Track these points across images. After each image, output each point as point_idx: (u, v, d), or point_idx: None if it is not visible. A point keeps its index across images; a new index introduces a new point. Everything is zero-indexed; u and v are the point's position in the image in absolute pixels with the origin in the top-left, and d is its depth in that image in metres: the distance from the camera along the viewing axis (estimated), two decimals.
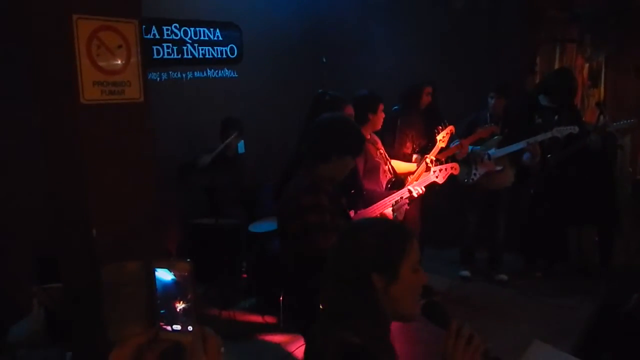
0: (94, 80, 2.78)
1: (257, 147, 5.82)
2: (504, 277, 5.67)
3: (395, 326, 1.84)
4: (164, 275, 1.13)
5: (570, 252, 5.84)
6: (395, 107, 5.32)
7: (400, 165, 4.78)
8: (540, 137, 5.18)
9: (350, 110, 4.08)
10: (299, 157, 3.18)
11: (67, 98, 2.74)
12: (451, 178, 4.53)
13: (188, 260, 1.14)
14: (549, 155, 5.37)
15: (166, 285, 1.13)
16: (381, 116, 4.52)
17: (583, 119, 5.79)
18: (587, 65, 6.35)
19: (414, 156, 5.07)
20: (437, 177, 3.98)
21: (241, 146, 5.81)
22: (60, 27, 2.68)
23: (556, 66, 6.27)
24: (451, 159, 4.94)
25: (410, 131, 5.20)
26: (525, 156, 5.32)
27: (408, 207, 3.84)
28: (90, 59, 2.77)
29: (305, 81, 5.91)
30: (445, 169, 3.99)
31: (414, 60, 6.12)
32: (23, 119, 3.45)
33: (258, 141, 5.84)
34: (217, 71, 5.98)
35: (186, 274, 1.12)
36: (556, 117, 5.29)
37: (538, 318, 4.84)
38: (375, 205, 3.63)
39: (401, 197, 3.67)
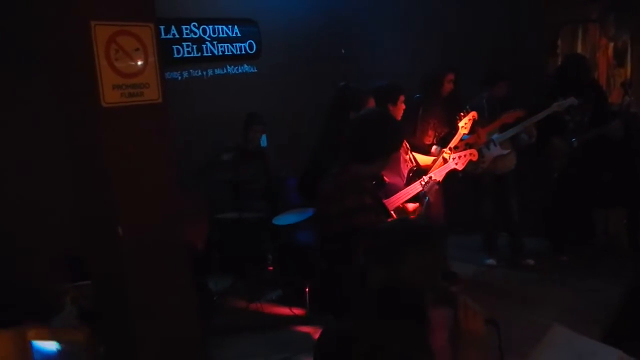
0: (114, 83, 2.86)
1: (278, 141, 5.85)
2: (531, 261, 5.62)
3: None
4: (47, 345, 0.93)
5: (598, 235, 5.77)
6: (417, 96, 5.28)
7: (419, 158, 4.75)
8: (541, 115, 5.12)
9: (372, 103, 4.08)
10: (329, 152, 3.18)
11: (88, 102, 2.82)
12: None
13: (84, 325, 0.95)
14: (573, 139, 5.32)
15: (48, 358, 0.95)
16: (401, 107, 4.52)
17: (609, 99, 5.75)
18: (611, 44, 6.26)
19: (433, 147, 5.08)
20: (456, 163, 3.98)
21: (263, 140, 5.88)
22: (79, 34, 2.76)
23: (579, 47, 6.20)
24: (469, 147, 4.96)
25: (432, 119, 5.16)
26: (524, 137, 5.25)
27: (438, 187, 3.81)
28: (109, 63, 2.85)
29: (325, 73, 5.92)
30: (465, 155, 3.98)
31: (433, 48, 6.08)
32: (49, 122, 3.54)
33: (279, 134, 5.87)
34: (236, 67, 6.08)
35: (80, 341, 0.93)
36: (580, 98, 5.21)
37: (565, 302, 4.78)
38: (395, 196, 3.62)
39: (430, 177, 3.66)
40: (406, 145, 4.51)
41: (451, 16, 6.25)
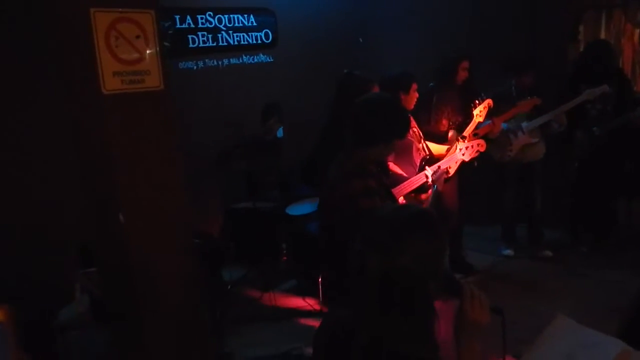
0: (114, 70, 2.85)
1: (295, 131, 5.84)
2: (549, 252, 5.56)
3: None
4: None
5: (619, 226, 5.64)
6: (432, 84, 5.20)
7: (432, 147, 4.70)
8: (572, 103, 5.04)
9: (376, 90, 4.04)
10: (334, 140, 3.14)
11: (89, 90, 2.81)
12: (484, 156, 4.59)
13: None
14: (594, 127, 5.23)
15: None
16: (414, 96, 4.45)
17: (634, 87, 5.66)
18: (637, 30, 6.07)
19: (450, 132, 4.98)
20: (463, 154, 3.96)
21: (280, 130, 5.87)
22: (79, 21, 2.75)
23: (602, 34, 6.05)
24: (485, 137, 4.86)
25: (446, 108, 5.07)
26: (555, 125, 5.20)
27: (448, 175, 3.80)
28: (109, 50, 2.84)
29: (342, 63, 5.72)
30: (472, 146, 3.95)
31: (450, 34, 5.99)
32: (53, 112, 3.57)
33: (295, 125, 5.85)
34: (252, 57, 6.05)
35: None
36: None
37: (584, 294, 4.72)
38: (400, 185, 3.59)
39: (439, 167, 3.63)
40: (419, 134, 4.49)
41: (467, 2, 6.19)
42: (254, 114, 5.62)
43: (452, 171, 4.46)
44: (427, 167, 3.82)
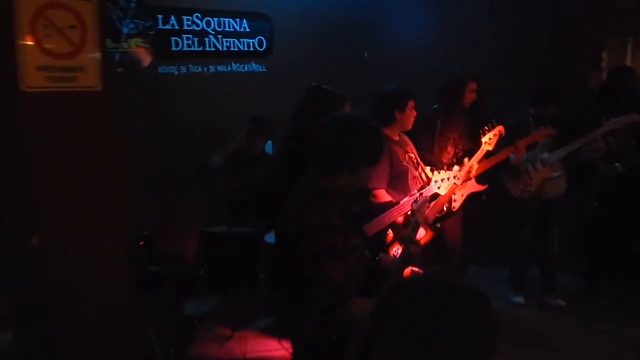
0: (39, 64, 2.47)
1: None
2: (561, 302, 5.19)
3: None
4: None
5: None
6: (435, 106, 4.92)
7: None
8: (600, 131, 4.75)
9: (347, 110, 3.73)
10: (292, 164, 2.86)
11: (5, 85, 2.42)
12: (499, 189, 4.58)
13: None
14: (616, 164, 4.94)
15: None
16: (411, 114, 4.16)
17: None
18: None
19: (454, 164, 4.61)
20: (438, 187, 3.79)
21: (268, 147, 5.54)
22: None
23: (628, 61, 5.87)
24: (503, 165, 4.69)
25: (452, 134, 4.78)
26: (587, 154, 4.91)
27: (453, 210, 3.76)
28: (34, 40, 2.45)
29: (344, 78, 5.55)
30: (447, 179, 3.80)
31: (465, 56, 5.71)
32: None
33: None
34: (243, 65, 5.79)
35: None
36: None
37: (600, 352, 4.43)
38: (380, 217, 3.36)
39: (420, 194, 3.44)
40: (416, 160, 4.23)
41: (484, 24, 6.00)
42: (241, 128, 5.31)
43: (457, 205, 4.30)
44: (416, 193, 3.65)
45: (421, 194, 3.40)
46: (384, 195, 3.91)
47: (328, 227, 2.36)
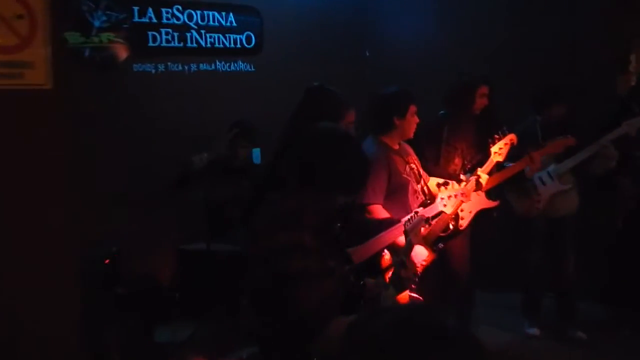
0: None
1: None
2: (582, 335, 5.13)
3: None
4: None
5: None
6: (442, 112, 4.90)
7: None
8: (611, 136, 4.75)
9: (351, 117, 3.63)
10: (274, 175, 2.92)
11: None
12: (505, 205, 4.52)
13: None
14: None
15: None
16: (412, 121, 4.11)
17: None
18: None
19: (462, 177, 4.48)
20: (444, 205, 3.73)
21: (257, 156, 5.41)
22: None
23: None
24: (517, 178, 4.62)
25: (460, 143, 4.76)
26: (600, 164, 4.89)
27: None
28: None
29: (343, 80, 5.44)
30: (455, 196, 3.74)
31: (476, 57, 5.73)
32: None
33: None
34: (229, 64, 5.73)
35: None
36: None
37: None
38: (373, 240, 3.28)
39: (415, 213, 3.40)
40: (418, 172, 4.20)
41: (499, 23, 6.01)
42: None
43: (464, 223, 4.18)
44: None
45: (416, 213, 3.32)
46: (380, 212, 3.84)
47: (299, 248, 2.31)
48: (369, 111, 4.17)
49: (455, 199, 3.75)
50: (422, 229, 3.24)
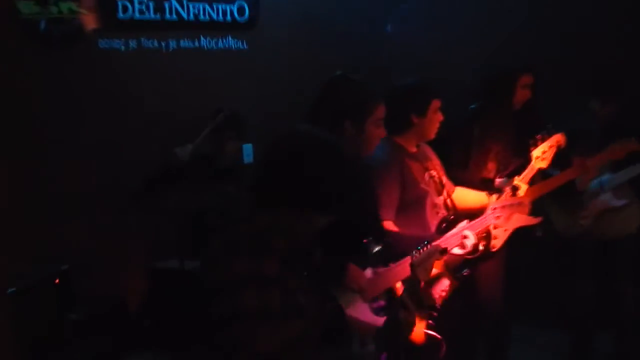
0: None
1: None
2: None
3: None
4: None
5: None
6: (473, 106, 4.92)
7: (467, 197, 4.34)
8: None
9: (381, 112, 3.56)
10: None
11: None
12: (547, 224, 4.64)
13: None
14: None
15: None
16: (435, 118, 4.07)
17: None
18: None
19: (498, 181, 4.63)
20: (497, 218, 3.81)
21: (247, 153, 5.60)
22: None
23: None
24: (564, 191, 4.68)
25: (494, 145, 4.73)
26: None
27: (493, 250, 3.80)
28: None
29: (358, 59, 5.75)
30: (510, 206, 3.82)
31: (514, 40, 5.80)
32: None
33: None
34: (216, 41, 5.74)
35: None
36: None
37: None
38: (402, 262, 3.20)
39: (427, 244, 3.26)
40: (440, 182, 4.18)
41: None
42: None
43: (498, 243, 4.17)
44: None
45: (428, 243, 3.21)
46: (390, 228, 3.79)
47: (257, 279, 2.22)
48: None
49: (510, 210, 3.83)
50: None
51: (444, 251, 3.26)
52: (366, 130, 3.35)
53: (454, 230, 3.65)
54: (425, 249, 3.16)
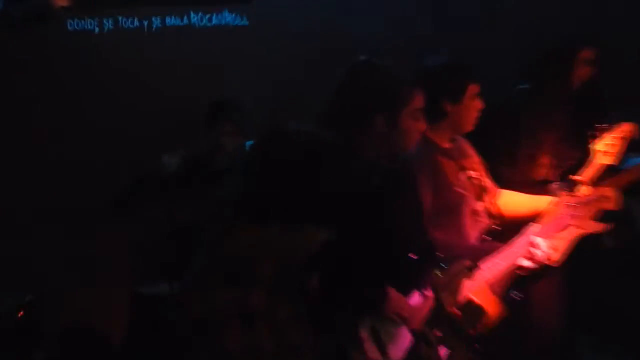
0: None
1: None
2: None
3: None
4: None
5: None
6: (522, 87, 4.78)
7: (518, 201, 4.20)
8: None
9: (419, 103, 3.43)
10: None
11: None
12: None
13: None
14: None
15: None
16: (473, 107, 3.89)
17: None
18: None
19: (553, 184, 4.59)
20: (572, 216, 3.81)
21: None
22: None
23: None
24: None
25: (548, 135, 4.62)
26: None
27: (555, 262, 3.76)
28: None
29: (380, 36, 5.77)
30: (590, 202, 3.84)
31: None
32: None
33: None
34: (209, 17, 5.76)
35: None
36: None
37: None
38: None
39: (455, 259, 3.28)
40: (481, 183, 4.00)
41: None
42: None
43: (556, 256, 4.06)
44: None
45: (457, 259, 3.18)
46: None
47: (241, 314, 2.15)
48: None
49: (587, 207, 3.85)
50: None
51: (473, 268, 3.26)
52: (402, 124, 3.22)
53: (521, 238, 3.67)
54: (454, 266, 3.17)
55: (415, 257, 3.19)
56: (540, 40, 4.90)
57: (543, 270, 4.02)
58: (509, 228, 4.04)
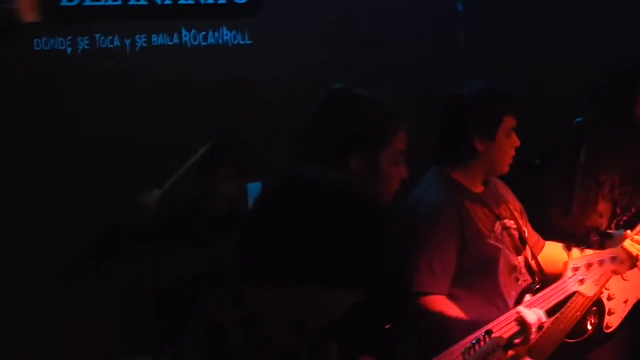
0: None
1: None
2: None
3: None
4: None
5: None
6: (579, 120, 5.02)
7: (562, 255, 4.33)
8: None
9: (400, 145, 3.61)
10: None
11: None
12: None
13: None
14: None
15: None
16: (508, 144, 4.17)
17: None
18: None
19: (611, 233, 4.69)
20: (580, 281, 3.94)
21: (254, 193, 5.61)
22: None
23: None
24: None
25: (610, 174, 4.84)
26: None
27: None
28: None
29: (407, 55, 5.85)
30: (602, 262, 4.00)
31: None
32: None
33: None
34: (203, 34, 5.93)
35: None
36: None
37: None
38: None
39: (487, 334, 3.42)
40: (518, 232, 4.23)
41: None
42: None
43: (614, 321, 4.44)
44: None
45: (489, 333, 3.36)
46: (443, 308, 3.87)
47: None
48: (432, 125, 4.24)
49: (597, 273, 3.96)
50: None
51: (508, 346, 3.40)
52: (380, 168, 3.44)
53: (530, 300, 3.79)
54: (483, 340, 3.30)
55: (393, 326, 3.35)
56: (601, 64, 4.97)
57: (599, 339, 4.32)
58: None
